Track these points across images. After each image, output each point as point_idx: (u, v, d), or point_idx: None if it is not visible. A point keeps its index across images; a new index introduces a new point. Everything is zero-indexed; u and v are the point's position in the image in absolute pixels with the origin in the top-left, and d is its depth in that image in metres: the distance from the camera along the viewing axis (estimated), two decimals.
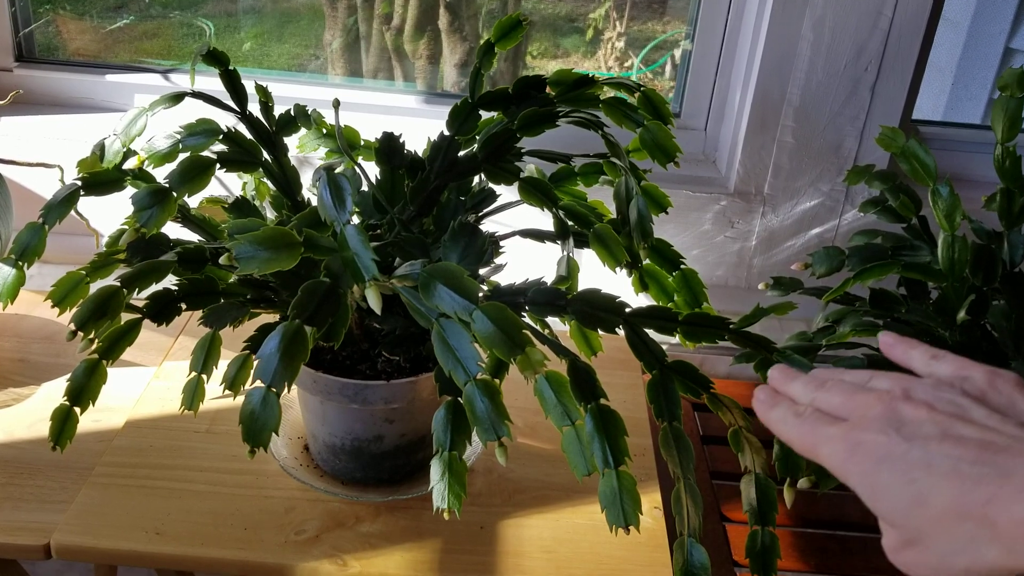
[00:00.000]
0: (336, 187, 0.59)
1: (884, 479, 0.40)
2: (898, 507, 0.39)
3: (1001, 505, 0.35)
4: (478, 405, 0.58)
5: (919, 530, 0.39)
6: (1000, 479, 0.36)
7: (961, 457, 0.38)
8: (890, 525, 0.41)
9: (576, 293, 0.70)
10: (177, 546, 0.76)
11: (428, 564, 0.76)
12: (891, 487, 0.40)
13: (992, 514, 0.36)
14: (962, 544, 0.37)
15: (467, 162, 0.80)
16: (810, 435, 0.45)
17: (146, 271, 0.70)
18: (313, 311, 0.56)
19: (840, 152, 1.09)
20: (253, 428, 0.55)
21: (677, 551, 0.69)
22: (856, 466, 0.42)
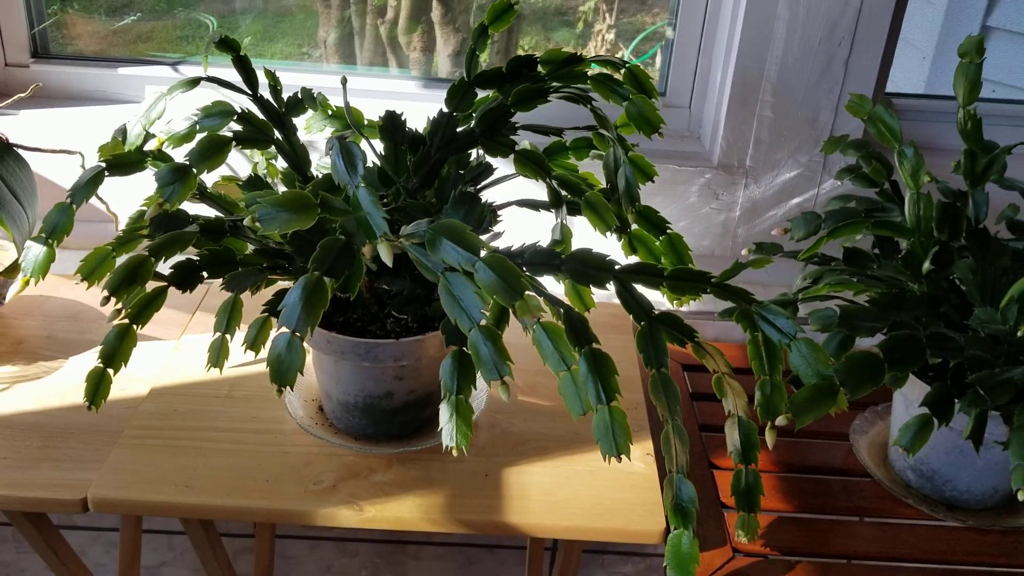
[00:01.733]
0: (348, 153, 0.65)
1: None
2: None
3: None
4: (482, 349, 0.64)
5: None
6: None
7: None
8: None
9: (569, 253, 0.76)
10: (205, 497, 0.82)
11: (438, 508, 0.83)
12: None
13: None
14: None
15: (465, 137, 0.86)
16: None
17: (171, 241, 0.76)
18: (331, 264, 0.62)
19: (816, 124, 1.15)
20: (280, 369, 0.61)
21: (667, 487, 0.75)
22: None
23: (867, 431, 1.01)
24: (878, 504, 0.93)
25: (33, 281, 0.79)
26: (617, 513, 0.84)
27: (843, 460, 0.99)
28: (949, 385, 0.79)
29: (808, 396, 0.76)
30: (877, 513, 0.93)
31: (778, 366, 0.81)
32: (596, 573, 1.53)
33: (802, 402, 0.76)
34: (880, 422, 1.03)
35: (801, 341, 0.77)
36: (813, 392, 0.76)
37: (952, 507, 0.91)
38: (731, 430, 0.80)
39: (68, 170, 1.17)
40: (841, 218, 0.96)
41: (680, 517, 0.75)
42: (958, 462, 0.89)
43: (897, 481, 0.94)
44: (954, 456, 0.88)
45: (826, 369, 0.76)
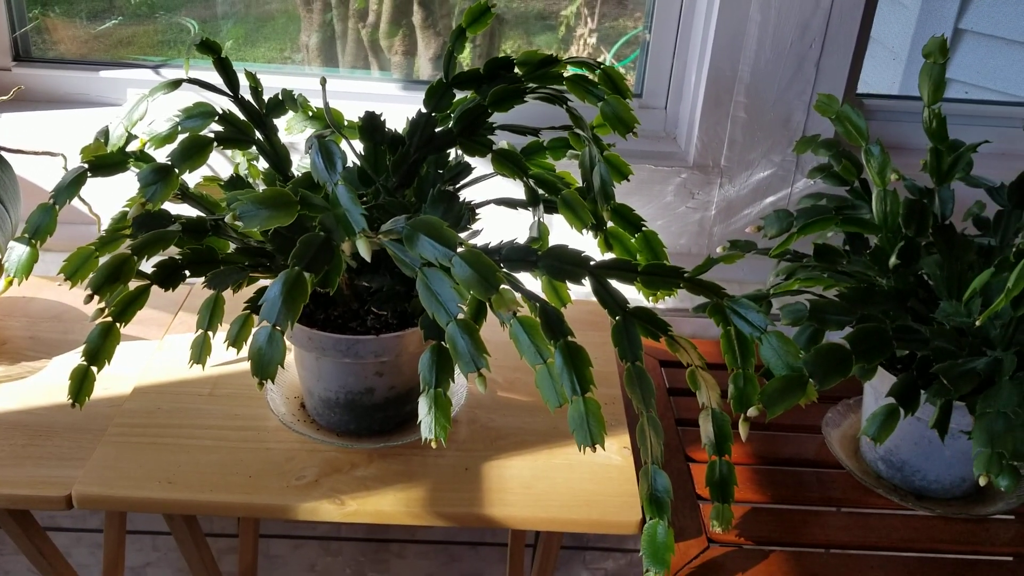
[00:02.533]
0: (327, 151, 0.66)
1: None
2: None
3: None
4: (459, 342, 0.66)
5: None
6: None
7: None
8: None
9: (546, 249, 0.77)
10: (188, 493, 0.83)
11: (419, 502, 0.84)
12: None
13: None
14: None
15: (443, 137, 0.88)
16: None
17: (154, 239, 0.78)
18: (311, 259, 0.63)
19: (789, 125, 1.17)
20: (261, 362, 0.63)
21: (642, 479, 0.77)
22: None
23: (839, 424, 1.04)
24: (850, 494, 0.95)
25: (16, 281, 0.80)
26: (594, 504, 0.85)
27: (816, 452, 1.02)
28: (915, 376, 0.81)
29: (778, 387, 0.78)
30: (849, 503, 0.95)
31: (750, 359, 0.82)
32: (577, 569, 1.55)
33: (773, 393, 0.78)
34: (852, 415, 1.05)
35: (772, 334, 0.79)
36: (783, 383, 0.78)
37: (921, 497, 0.94)
38: (705, 422, 0.82)
39: (51, 172, 1.18)
40: (811, 215, 0.98)
41: (655, 507, 0.76)
42: (927, 452, 0.91)
43: (868, 472, 0.97)
44: (923, 447, 0.91)
45: (796, 361, 0.78)
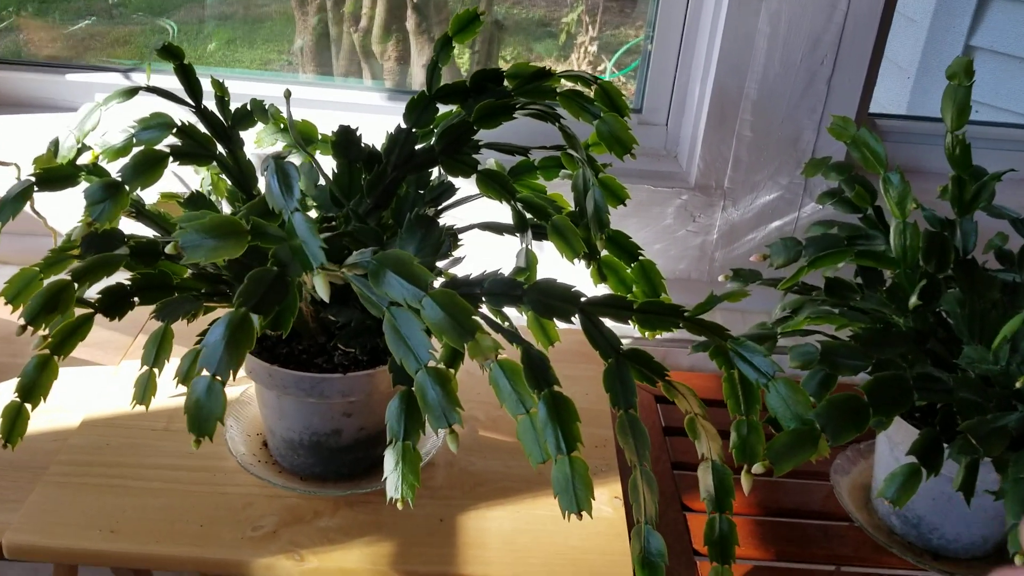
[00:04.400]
0: (284, 175, 0.59)
1: None
2: None
3: None
4: (429, 393, 0.58)
5: None
6: None
7: None
8: None
9: (532, 283, 0.70)
10: (131, 544, 0.75)
11: (387, 558, 0.76)
12: None
13: None
14: None
15: (424, 155, 0.81)
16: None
17: (97, 264, 0.70)
18: (260, 299, 0.56)
19: (798, 145, 1.10)
20: (199, 417, 0.55)
21: (634, 539, 0.69)
22: None
23: (848, 471, 0.96)
24: (860, 551, 0.88)
25: None
26: (581, 564, 0.77)
27: (823, 502, 0.94)
28: (938, 431, 0.74)
29: (787, 442, 0.70)
30: (858, 562, 0.87)
31: (755, 406, 0.75)
32: None
33: (781, 448, 0.71)
34: (863, 461, 0.97)
35: (780, 381, 0.72)
36: (792, 438, 0.70)
37: (939, 556, 0.86)
38: (704, 475, 0.75)
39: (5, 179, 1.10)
40: (823, 247, 0.91)
41: (648, 571, 0.69)
42: (946, 509, 0.83)
43: (880, 527, 0.89)
44: (941, 503, 0.83)
45: (806, 412, 0.71)
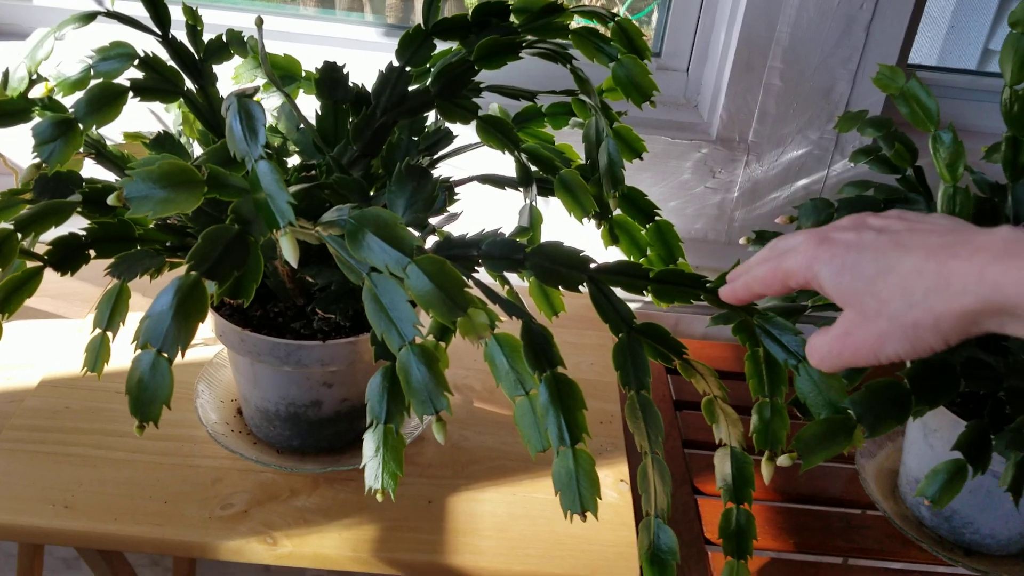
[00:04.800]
0: (247, 115, 0.50)
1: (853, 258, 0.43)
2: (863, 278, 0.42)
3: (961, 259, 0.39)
4: (414, 373, 0.50)
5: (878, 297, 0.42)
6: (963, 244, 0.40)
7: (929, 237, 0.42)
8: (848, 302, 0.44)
9: (535, 246, 0.62)
10: (86, 521, 0.68)
11: (368, 543, 0.69)
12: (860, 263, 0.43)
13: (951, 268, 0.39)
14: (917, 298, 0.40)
15: (418, 97, 0.72)
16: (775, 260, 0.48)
17: (44, 212, 0.62)
18: (215, 262, 0.47)
19: (831, 97, 1.00)
20: (141, 399, 0.47)
21: (643, 532, 0.62)
22: (825, 252, 0.44)
23: (875, 454, 0.88)
24: (887, 544, 0.81)
25: None
26: (582, 556, 0.70)
27: (846, 488, 0.87)
28: (987, 423, 0.66)
29: (818, 433, 0.63)
30: (883, 555, 0.80)
31: (780, 388, 0.68)
32: None
33: (810, 439, 0.63)
34: (890, 444, 0.90)
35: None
36: (824, 428, 0.63)
37: (971, 552, 0.79)
38: (722, 462, 0.68)
39: None
40: (858, 210, 0.82)
41: (657, 568, 0.62)
42: (984, 504, 0.76)
43: (908, 518, 0.82)
44: (980, 497, 0.76)
45: (840, 399, 0.64)
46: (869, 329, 0.43)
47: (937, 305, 0.40)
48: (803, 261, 0.46)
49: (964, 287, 0.39)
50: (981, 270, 0.38)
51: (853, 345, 0.44)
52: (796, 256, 0.46)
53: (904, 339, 0.42)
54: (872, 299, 0.42)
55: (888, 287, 0.42)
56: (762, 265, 0.49)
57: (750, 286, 0.51)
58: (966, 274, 0.39)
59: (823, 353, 0.47)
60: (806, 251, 0.46)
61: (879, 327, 0.42)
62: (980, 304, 0.38)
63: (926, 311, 0.40)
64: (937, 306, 0.40)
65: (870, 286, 0.42)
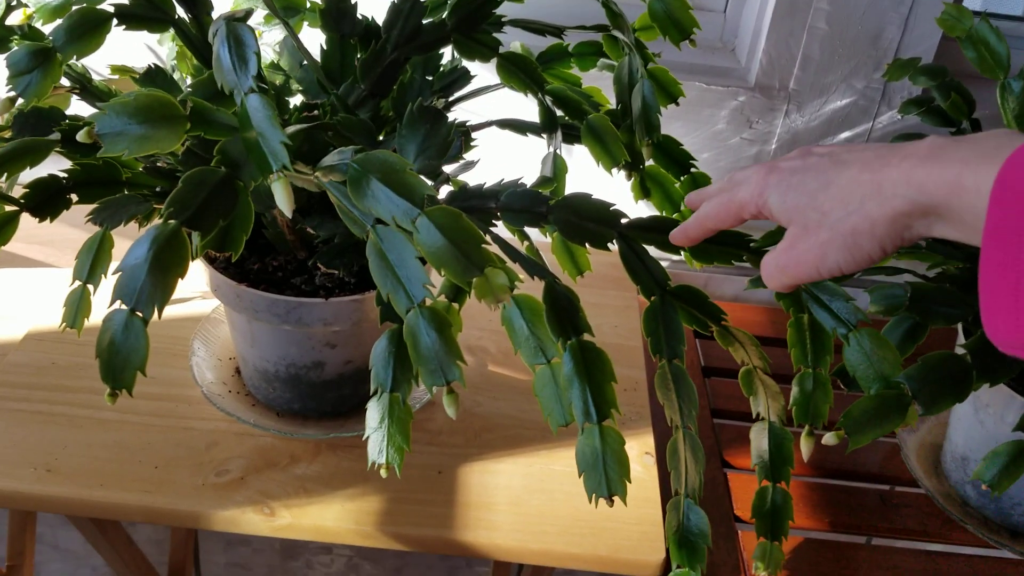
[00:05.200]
0: (237, 41, 0.44)
1: (797, 179, 0.46)
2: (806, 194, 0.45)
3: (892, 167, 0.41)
4: (423, 339, 0.45)
5: (819, 209, 0.44)
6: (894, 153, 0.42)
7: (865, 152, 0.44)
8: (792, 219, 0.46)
9: (561, 198, 0.56)
10: (69, 487, 0.63)
11: (372, 516, 0.64)
12: (804, 182, 0.45)
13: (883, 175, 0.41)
14: (854, 205, 0.43)
15: (433, 31, 0.65)
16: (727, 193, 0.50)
17: (18, 151, 0.56)
18: (197, 210, 0.41)
19: (879, 43, 0.93)
20: (113, 364, 0.42)
21: (671, 512, 0.57)
22: (774, 178, 0.47)
23: (917, 427, 0.83)
24: (928, 525, 0.75)
25: None
26: (602, 533, 0.65)
27: (886, 463, 0.81)
28: None
29: (868, 409, 0.58)
30: (923, 536, 0.75)
31: (825, 358, 0.63)
32: None
33: (860, 416, 0.58)
34: (933, 416, 0.84)
35: (863, 332, 0.58)
36: (875, 404, 0.58)
37: (1017, 535, 0.73)
38: (758, 437, 0.63)
39: None
40: None
41: (686, 552, 0.57)
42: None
43: (952, 497, 0.76)
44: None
45: (894, 373, 0.58)
46: (811, 240, 0.45)
47: (872, 210, 0.42)
48: (754, 190, 0.48)
49: (894, 191, 0.41)
50: (908, 173, 0.40)
51: (796, 257, 0.46)
52: (747, 187, 0.48)
53: (844, 247, 0.43)
54: (814, 212, 0.44)
55: (829, 199, 0.44)
56: (713, 200, 0.51)
57: (703, 223, 0.52)
58: (895, 179, 0.41)
59: (770, 270, 0.48)
60: (757, 181, 0.48)
61: (820, 237, 0.44)
62: (909, 205, 0.41)
63: (863, 217, 0.42)
64: (872, 211, 0.42)
65: (812, 200, 0.44)
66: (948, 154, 0.40)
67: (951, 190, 0.39)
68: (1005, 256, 0.36)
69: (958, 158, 0.39)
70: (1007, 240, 0.35)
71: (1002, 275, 0.36)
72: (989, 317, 0.37)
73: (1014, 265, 0.35)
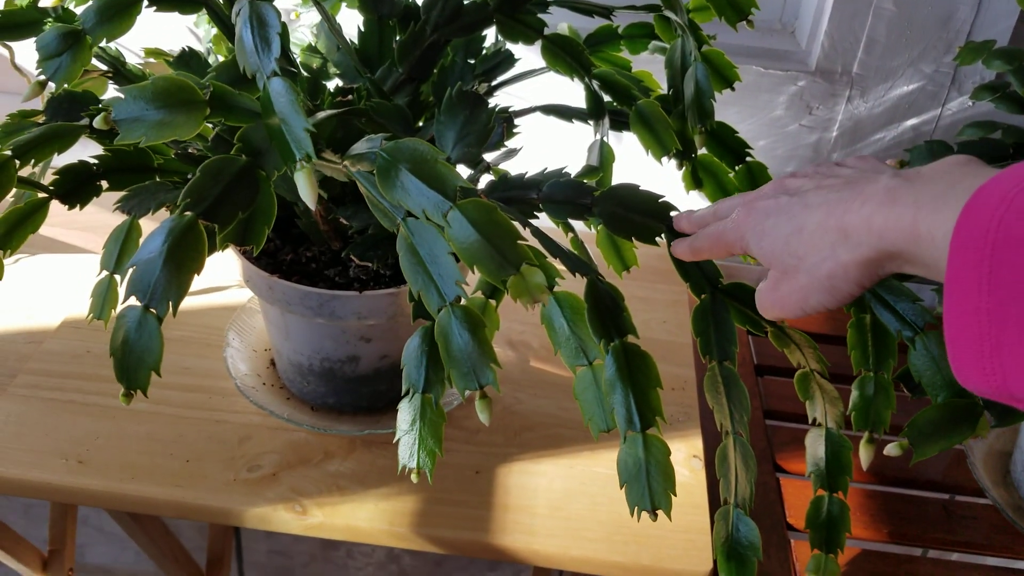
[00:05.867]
0: (260, 22, 0.41)
1: (771, 223, 0.46)
2: (780, 240, 0.45)
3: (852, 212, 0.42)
4: (455, 340, 0.42)
5: (795, 255, 0.45)
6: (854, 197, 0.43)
7: (829, 193, 0.45)
8: (772, 264, 0.47)
9: (606, 189, 0.52)
10: (100, 479, 0.62)
11: (406, 517, 0.62)
12: (776, 227, 0.46)
13: (846, 222, 0.42)
14: (826, 252, 0.43)
15: (475, 11, 0.62)
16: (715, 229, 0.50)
17: (46, 137, 0.54)
18: (215, 201, 0.39)
19: (950, 24, 0.88)
20: (127, 363, 0.40)
21: (720, 521, 0.54)
22: (751, 221, 0.48)
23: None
24: (994, 539, 0.71)
25: None
26: (647, 541, 0.62)
27: (951, 470, 0.76)
28: None
29: (936, 419, 0.54)
30: (989, 549, 0.70)
31: (888, 362, 0.59)
32: None
33: (927, 426, 0.54)
34: None
35: (931, 336, 0.54)
36: (944, 413, 0.54)
37: None
38: (814, 443, 0.59)
39: None
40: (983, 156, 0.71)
41: (734, 565, 0.54)
42: None
43: (1022, 509, 0.72)
44: None
45: None
46: (792, 284, 0.45)
47: (843, 256, 0.42)
48: (736, 233, 0.48)
49: (859, 239, 0.41)
50: (868, 220, 0.41)
51: (780, 298, 0.47)
52: (730, 228, 0.49)
53: (823, 290, 0.44)
54: (790, 257, 0.45)
55: (802, 244, 0.44)
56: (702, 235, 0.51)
57: (698, 254, 0.52)
58: (858, 226, 0.41)
59: (761, 305, 0.49)
60: (737, 223, 0.49)
61: (800, 281, 0.45)
62: (874, 252, 0.41)
63: (835, 263, 0.43)
64: (843, 257, 0.42)
65: (786, 246, 0.45)
66: (902, 197, 0.40)
67: (908, 237, 0.39)
68: (965, 307, 0.35)
69: (911, 201, 0.39)
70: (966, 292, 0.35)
71: (966, 325, 0.36)
72: (957, 366, 0.37)
73: (975, 316, 0.35)
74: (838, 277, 0.43)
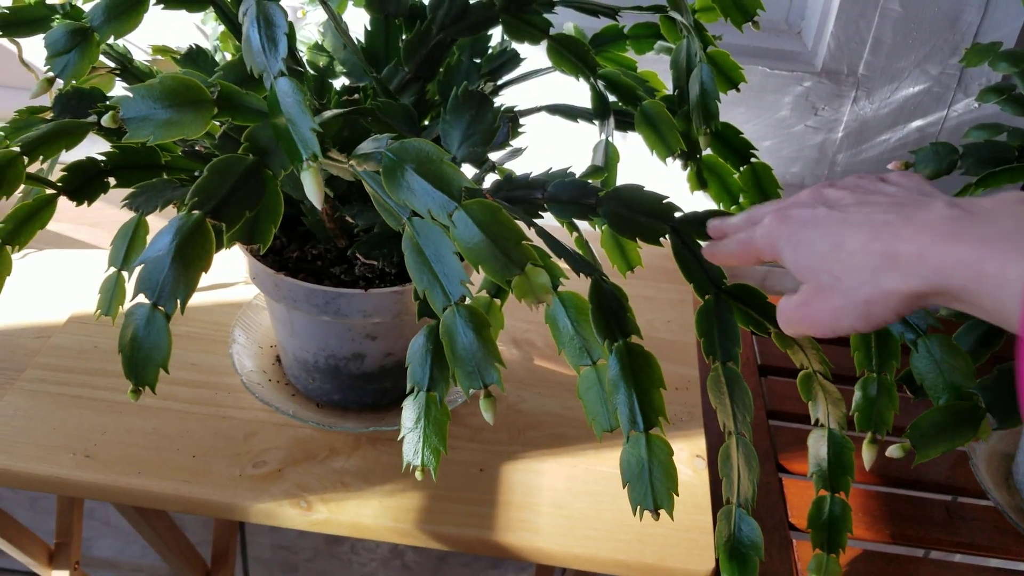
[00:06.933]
0: (267, 22, 0.42)
1: (807, 235, 0.44)
2: (816, 255, 0.43)
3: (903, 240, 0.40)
4: (460, 339, 0.42)
5: (831, 273, 0.43)
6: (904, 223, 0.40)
7: (874, 213, 0.43)
8: (805, 278, 0.45)
9: (611, 189, 0.53)
10: (107, 474, 0.62)
11: (411, 513, 0.62)
12: (813, 240, 0.44)
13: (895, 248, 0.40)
14: (866, 276, 0.41)
15: (481, 11, 0.63)
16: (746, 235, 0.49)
17: (54, 133, 0.54)
18: (222, 200, 0.39)
19: (957, 26, 0.88)
20: (135, 360, 0.40)
21: (722, 521, 0.54)
22: (785, 229, 0.46)
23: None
24: (996, 540, 0.71)
25: None
26: (649, 541, 0.62)
27: (953, 472, 0.77)
28: None
29: (938, 421, 0.54)
30: (991, 551, 0.71)
31: (891, 363, 0.59)
32: None
33: (928, 428, 0.54)
34: None
35: (934, 339, 0.55)
36: (945, 416, 0.54)
37: None
38: (816, 444, 0.60)
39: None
40: (988, 158, 0.71)
41: (736, 564, 0.54)
42: None
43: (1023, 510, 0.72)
44: None
45: (966, 383, 0.54)
46: (824, 303, 0.44)
47: (886, 284, 0.40)
48: (768, 240, 0.47)
49: (909, 269, 0.39)
50: (923, 251, 0.39)
51: (811, 316, 0.45)
52: (763, 232, 0.48)
53: (857, 315, 0.42)
54: (826, 275, 0.43)
55: (840, 264, 0.42)
56: (733, 240, 0.50)
57: (725, 259, 0.51)
58: (909, 255, 0.39)
59: (785, 319, 0.47)
60: (770, 230, 0.47)
61: (834, 302, 0.43)
62: (925, 286, 0.39)
63: (876, 289, 0.41)
64: (886, 285, 0.40)
65: (823, 263, 0.43)
66: (966, 231, 0.38)
67: (972, 275, 0.37)
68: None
69: (978, 237, 0.37)
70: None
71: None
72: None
73: None
74: (876, 303, 0.41)
